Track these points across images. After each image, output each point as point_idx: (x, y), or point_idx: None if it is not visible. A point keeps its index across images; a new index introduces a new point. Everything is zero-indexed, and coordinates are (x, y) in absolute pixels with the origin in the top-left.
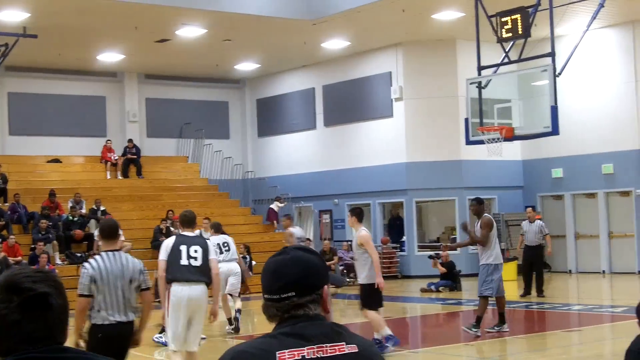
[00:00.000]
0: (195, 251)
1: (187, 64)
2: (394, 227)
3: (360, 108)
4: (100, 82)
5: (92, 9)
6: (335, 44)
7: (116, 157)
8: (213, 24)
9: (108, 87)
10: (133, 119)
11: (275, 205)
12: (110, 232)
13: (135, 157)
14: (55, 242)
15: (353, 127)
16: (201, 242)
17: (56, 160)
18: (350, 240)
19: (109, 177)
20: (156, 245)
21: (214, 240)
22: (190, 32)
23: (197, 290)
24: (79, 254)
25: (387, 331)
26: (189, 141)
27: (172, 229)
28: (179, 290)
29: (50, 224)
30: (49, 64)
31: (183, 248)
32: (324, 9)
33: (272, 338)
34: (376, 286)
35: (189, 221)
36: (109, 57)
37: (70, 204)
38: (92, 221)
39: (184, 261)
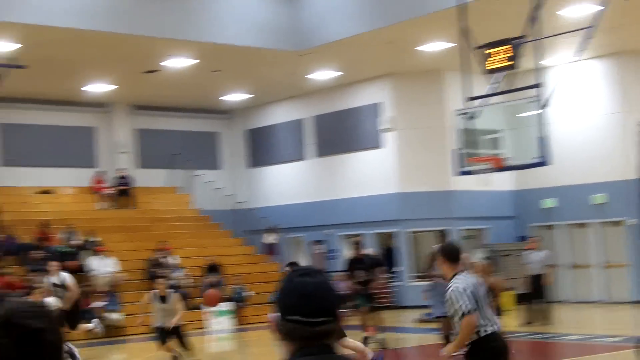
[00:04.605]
0: None
1: (176, 95)
2: (387, 258)
3: (350, 138)
4: (89, 113)
5: (81, 40)
6: (322, 74)
7: (107, 188)
8: (201, 55)
9: (97, 117)
10: (123, 150)
11: (265, 239)
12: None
13: (126, 187)
14: None
15: (343, 158)
16: None
17: (46, 192)
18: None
19: (100, 207)
20: (152, 276)
21: None
22: (178, 63)
23: None
24: None
25: None
26: (179, 172)
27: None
28: None
29: (48, 254)
30: (39, 95)
31: None
32: (311, 40)
33: None
34: None
35: None
36: (98, 87)
37: (62, 235)
38: (84, 252)
39: None
